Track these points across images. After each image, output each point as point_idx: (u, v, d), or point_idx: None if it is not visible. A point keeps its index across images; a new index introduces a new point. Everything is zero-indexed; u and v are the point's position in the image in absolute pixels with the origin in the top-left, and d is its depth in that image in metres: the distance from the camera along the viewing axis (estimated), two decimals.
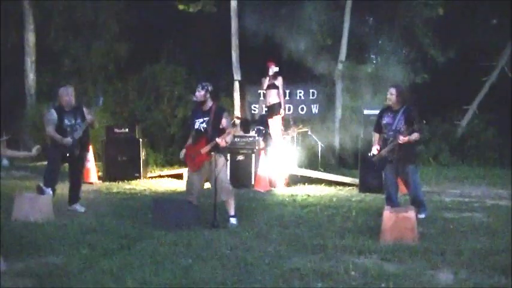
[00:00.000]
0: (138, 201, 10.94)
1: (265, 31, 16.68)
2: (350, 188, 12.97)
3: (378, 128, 9.39)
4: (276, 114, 14.06)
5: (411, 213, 7.79)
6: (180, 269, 6.31)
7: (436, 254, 6.94)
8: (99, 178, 14.16)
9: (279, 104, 14.10)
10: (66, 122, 9.76)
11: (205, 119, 8.81)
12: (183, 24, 19.13)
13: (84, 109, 10.04)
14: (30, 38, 17.56)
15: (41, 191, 9.38)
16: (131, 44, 18.97)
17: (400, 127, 8.93)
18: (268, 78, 14.24)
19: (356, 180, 12.95)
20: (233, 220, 8.84)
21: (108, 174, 14.04)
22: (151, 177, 14.54)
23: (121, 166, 14.12)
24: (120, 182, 13.63)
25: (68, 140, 9.58)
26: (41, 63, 18.24)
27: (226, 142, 8.85)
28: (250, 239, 7.82)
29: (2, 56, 17.42)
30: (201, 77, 18.84)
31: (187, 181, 9.18)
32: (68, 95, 9.87)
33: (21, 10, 17.80)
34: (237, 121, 16.95)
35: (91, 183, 13.58)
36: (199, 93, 8.83)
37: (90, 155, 13.81)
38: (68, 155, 9.67)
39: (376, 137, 9.43)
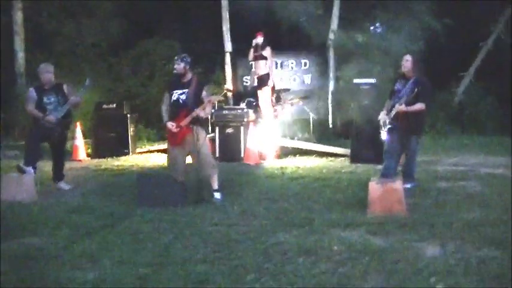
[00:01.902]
0: (125, 178, 10.76)
1: (256, 2, 16.39)
2: (342, 159, 12.80)
3: (390, 95, 9.19)
4: (265, 86, 13.81)
5: (398, 184, 7.57)
6: (159, 246, 6.15)
7: (425, 226, 6.75)
8: (88, 155, 14.00)
9: (268, 75, 13.84)
10: (46, 100, 9.53)
11: (184, 90, 8.55)
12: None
13: (65, 87, 9.79)
14: (18, 16, 17.18)
15: (21, 171, 9.17)
16: (124, 21, 18.65)
17: (407, 95, 8.72)
18: (252, 49, 13.99)
19: (348, 151, 12.75)
20: (217, 195, 8.61)
21: (97, 151, 13.92)
22: (141, 153, 14.34)
23: (109, 142, 13.96)
24: (109, 159, 13.47)
25: (50, 117, 9.37)
26: (33, 43, 17.89)
27: (206, 113, 8.65)
28: (235, 215, 7.64)
29: None
30: (195, 52, 18.75)
31: (169, 157, 8.89)
32: (47, 72, 9.65)
33: None
34: (229, 94, 16.78)
35: (80, 160, 13.46)
36: (179, 66, 8.59)
37: (79, 132, 13.69)
38: (48, 133, 9.47)
39: (387, 103, 9.19)
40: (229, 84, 17.50)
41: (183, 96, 8.55)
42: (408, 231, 6.58)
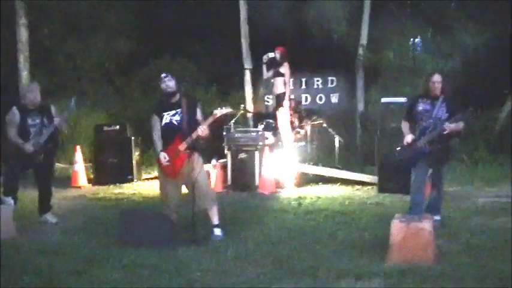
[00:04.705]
0: (119, 210, 9.87)
1: (277, 16, 15.68)
2: (369, 187, 11.88)
3: (410, 116, 8.52)
4: (281, 106, 12.92)
5: (427, 224, 6.50)
6: None
7: (452, 280, 5.77)
8: (90, 181, 13.26)
9: (285, 94, 12.95)
10: (30, 121, 8.86)
11: (177, 111, 7.71)
12: (188, 15, 18.17)
13: (52, 108, 9.13)
14: (23, 33, 16.52)
15: None
16: (132, 39, 18.00)
17: (441, 115, 8.18)
18: (265, 65, 13.16)
19: (376, 179, 11.81)
20: (217, 231, 7.76)
21: (99, 177, 13.21)
22: (148, 179, 13.56)
23: (112, 168, 13.23)
24: (111, 186, 12.72)
25: (29, 147, 8.72)
26: (35, 61, 17.28)
27: (207, 134, 7.72)
28: (229, 260, 6.73)
29: None
30: (210, 72, 18.01)
31: (161, 191, 8.06)
32: (31, 91, 9.01)
33: (11, 4, 16.76)
34: (249, 115, 15.98)
35: (79, 187, 12.81)
36: (172, 83, 7.74)
37: (79, 157, 13.04)
38: (30, 160, 8.78)
39: (406, 126, 8.52)
40: (248, 104, 16.68)
41: (177, 118, 7.72)
42: (431, 285, 5.62)
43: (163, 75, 7.82)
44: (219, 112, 7.85)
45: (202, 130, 7.60)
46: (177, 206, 7.88)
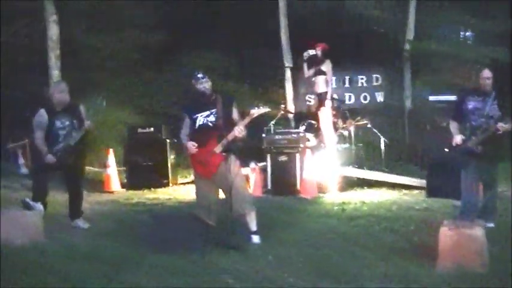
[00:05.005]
0: (154, 215, 9.90)
1: (319, 9, 15.48)
2: (417, 191, 11.69)
3: (459, 115, 8.31)
4: (323, 106, 12.79)
5: (478, 230, 6.38)
6: None
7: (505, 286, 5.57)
8: (123, 186, 13.26)
9: (327, 93, 12.82)
10: (59, 124, 8.70)
11: (212, 111, 7.57)
12: (222, 6, 18.08)
13: (82, 108, 9.02)
14: (54, 30, 16.56)
15: (27, 207, 8.41)
16: (163, 33, 17.90)
17: (494, 113, 8.01)
18: (306, 63, 13.03)
19: (424, 182, 11.59)
20: (255, 238, 7.60)
21: (132, 182, 13.18)
22: (184, 184, 13.53)
23: (146, 172, 13.18)
24: (145, 190, 12.70)
25: (50, 157, 8.59)
26: (64, 57, 17.33)
27: (243, 135, 7.55)
28: (268, 265, 6.62)
29: (22, 52, 16.67)
30: (246, 66, 17.86)
31: (197, 193, 7.90)
32: (61, 92, 8.84)
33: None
34: (290, 115, 15.85)
35: (112, 192, 12.78)
36: (208, 84, 7.60)
37: (111, 160, 13.04)
38: (57, 164, 8.67)
39: (455, 125, 8.33)
40: (289, 104, 16.52)
41: (212, 118, 7.57)
42: None
43: (200, 75, 7.64)
44: (256, 112, 7.65)
45: (239, 131, 7.46)
46: (213, 210, 7.73)
